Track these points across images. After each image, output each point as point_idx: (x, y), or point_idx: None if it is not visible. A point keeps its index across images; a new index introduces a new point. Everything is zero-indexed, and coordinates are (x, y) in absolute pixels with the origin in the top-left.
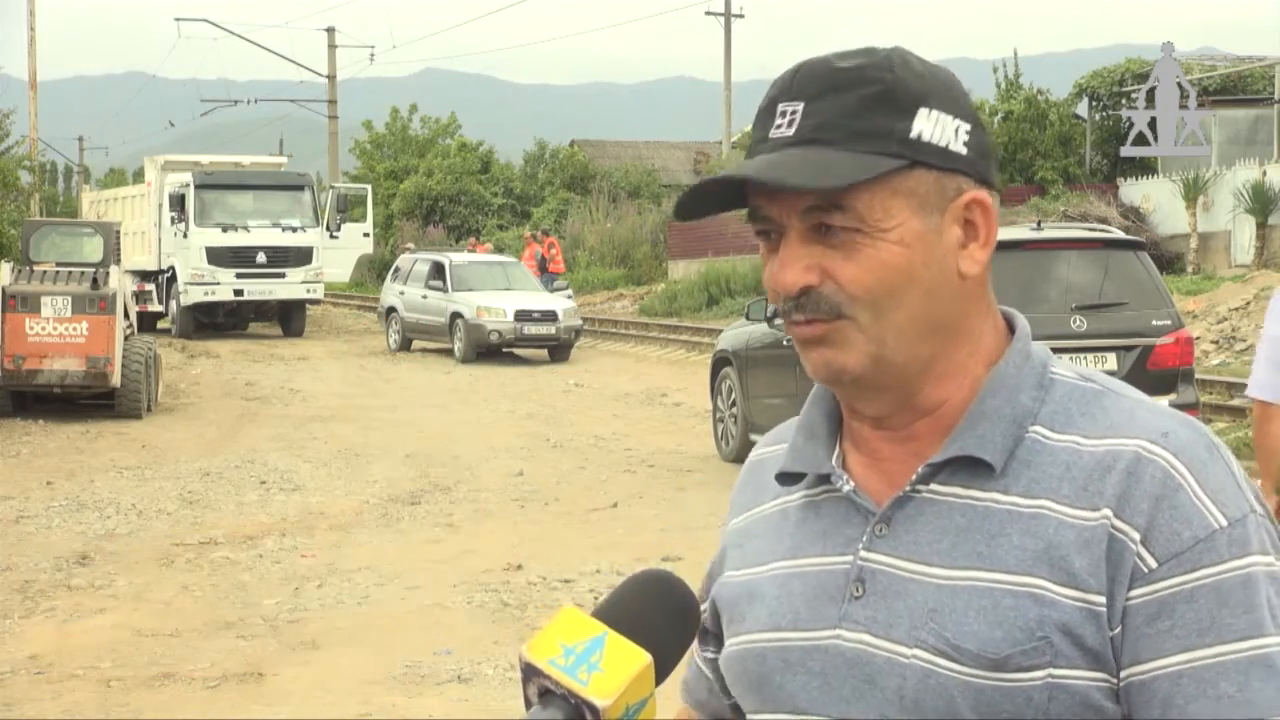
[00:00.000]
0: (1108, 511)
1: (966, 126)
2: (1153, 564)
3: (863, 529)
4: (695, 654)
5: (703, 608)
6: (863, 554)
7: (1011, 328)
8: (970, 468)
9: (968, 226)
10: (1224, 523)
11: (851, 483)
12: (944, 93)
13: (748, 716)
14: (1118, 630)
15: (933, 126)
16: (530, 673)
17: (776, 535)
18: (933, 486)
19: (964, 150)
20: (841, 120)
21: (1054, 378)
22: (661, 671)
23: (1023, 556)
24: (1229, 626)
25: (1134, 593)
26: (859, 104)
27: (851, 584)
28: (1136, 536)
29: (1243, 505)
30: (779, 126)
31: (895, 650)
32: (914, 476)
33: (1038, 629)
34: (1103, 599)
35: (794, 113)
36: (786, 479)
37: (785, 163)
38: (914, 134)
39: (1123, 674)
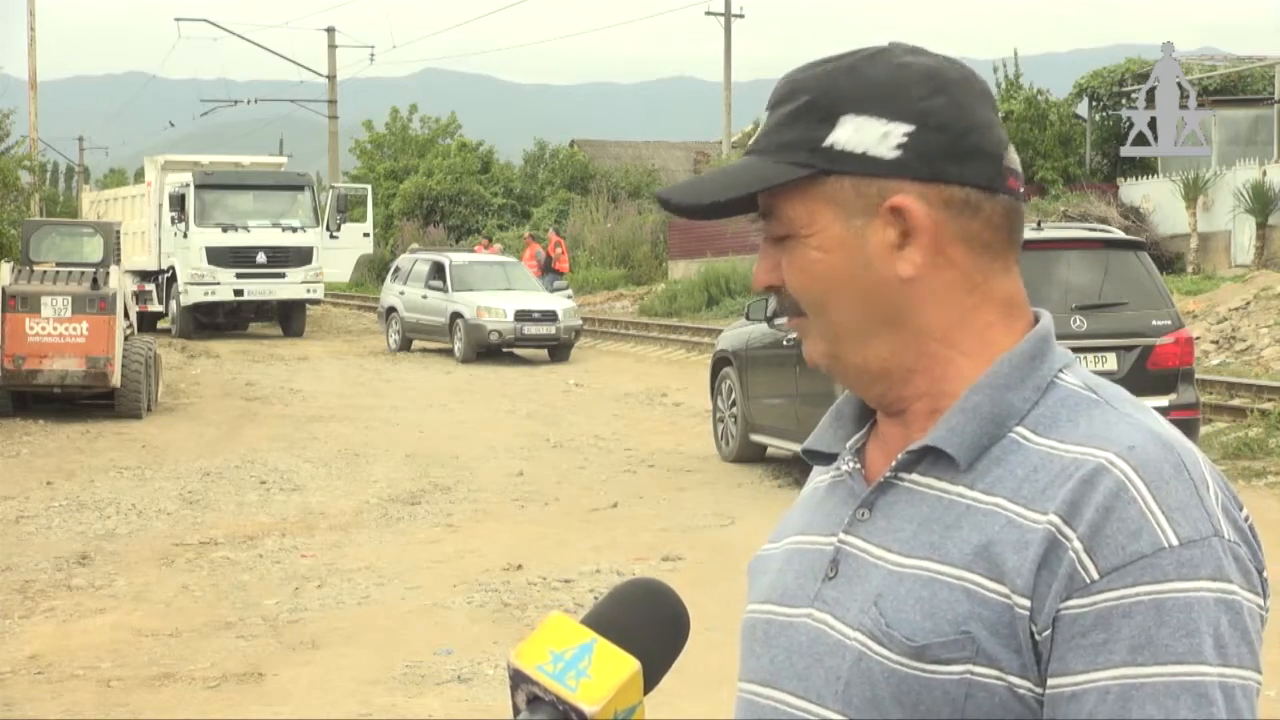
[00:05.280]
0: (1054, 517)
1: (906, 128)
2: (1094, 575)
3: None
4: None
5: None
6: (841, 536)
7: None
8: (945, 460)
9: (902, 229)
10: (1174, 542)
11: (851, 464)
12: (892, 95)
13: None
14: (1045, 634)
15: (852, 134)
16: (519, 679)
17: (801, 511)
18: (914, 476)
19: (896, 153)
20: (773, 131)
21: (1057, 382)
22: (650, 679)
23: (965, 551)
24: (1165, 648)
25: (1071, 602)
26: (789, 115)
27: (828, 565)
28: (1080, 546)
29: (1203, 528)
30: (757, 135)
31: (845, 633)
32: (893, 464)
33: (962, 623)
34: (1027, 601)
35: (763, 122)
36: (810, 457)
37: (706, 178)
38: (828, 142)
39: (1050, 682)
